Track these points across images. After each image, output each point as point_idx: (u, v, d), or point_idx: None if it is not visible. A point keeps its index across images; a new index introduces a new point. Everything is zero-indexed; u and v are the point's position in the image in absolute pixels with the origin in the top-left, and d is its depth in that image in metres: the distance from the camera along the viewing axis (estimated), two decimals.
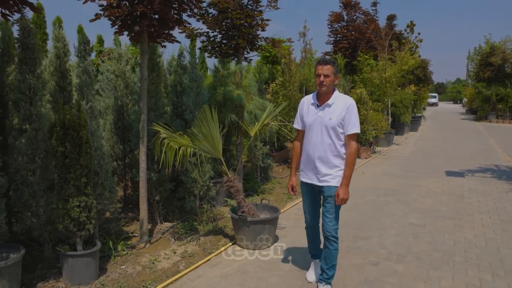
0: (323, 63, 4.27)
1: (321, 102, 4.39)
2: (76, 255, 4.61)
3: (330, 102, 4.33)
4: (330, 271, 4.48)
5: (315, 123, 4.38)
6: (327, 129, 4.30)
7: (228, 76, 7.72)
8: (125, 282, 4.77)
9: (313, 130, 4.40)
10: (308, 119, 4.47)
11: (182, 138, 5.66)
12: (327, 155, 4.31)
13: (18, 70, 4.86)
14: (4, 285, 4.15)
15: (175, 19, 5.67)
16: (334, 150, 4.32)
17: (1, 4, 3.97)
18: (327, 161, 4.33)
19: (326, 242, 4.43)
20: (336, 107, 4.30)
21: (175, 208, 7.19)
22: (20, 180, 4.86)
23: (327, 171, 4.34)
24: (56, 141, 4.45)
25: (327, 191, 4.36)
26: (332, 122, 4.27)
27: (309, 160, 4.45)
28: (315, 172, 4.42)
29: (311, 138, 4.42)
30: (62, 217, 4.55)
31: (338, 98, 4.36)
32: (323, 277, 4.51)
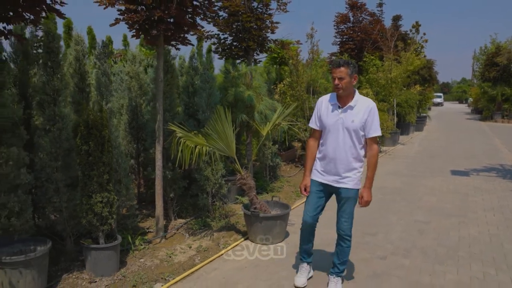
0: (336, 65, 4.23)
1: (343, 104, 4.32)
2: (99, 248, 4.86)
3: (352, 104, 4.28)
4: (342, 265, 4.63)
5: (337, 124, 4.33)
6: (349, 131, 4.28)
7: (239, 77, 7.95)
8: (144, 274, 5.02)
9: (334, 131, 4.36)
10: (329, 120, 4.39)
11: (197, 137, 5.89)
12: (348, 157, 4.32)
13: (43, 72, 5.11)
14: (34, 275, 4.40)
15: (189, 23, 5.90)
16: (354, 152, 4.33)
17: (30, 11, 4.21)
18: (347, 163, 4.34)
19: (339, 240, 4.57)
20: (359, 109, 4.27)
21: (188, 205, 7.42)
22: (45, 177, 5.12)
23: (346, 174, 4.36)
24: (80, 140, 4.70)
25: (344, 193, 4.41)
26: (355, 125, 4.25)
27: (329, 161, 4.42)
28: (333, 173, 4.42)
29: (332, 139, 4.38)
30: (86, 212, 4.79)
31: (360, 100, 4.33)
32: (335, 271, 4.65)
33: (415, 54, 19.18)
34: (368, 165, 4.38)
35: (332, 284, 4.62)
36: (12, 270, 4.28)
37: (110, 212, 4.89)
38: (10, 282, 4.31)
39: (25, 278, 4.35)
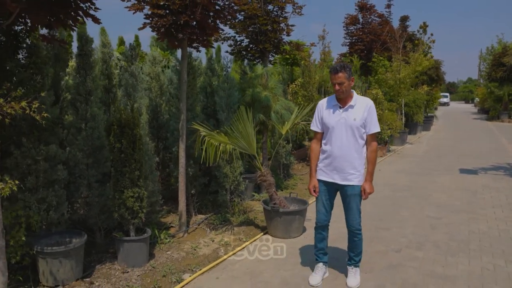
0: (334, 72, 4.43)
1: (344, 104, 4.54)
2: (130, 240, 5.16)
3: (352, 104, 4.52)
4: (357, 256, 4.84)
5: (339, 124, 4.52)
6: (352, 129, 4.47)
7: (255, 78, 8.23)
8: (172, 265, 5.31)
9: (337, 131, 4.54)
10: (331, 121, 4.58)
11: (219, 136, 6.17)
12: (352, 155, 4.51)
13: (76, 74, 5.41)
14: (72, 264, 4.70)
15: (212, 26, 6.18)
16: (358, 149, 4.53)
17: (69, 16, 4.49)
18: (352, 160, 4.52)
19: (351, 236, 4.77)
20: (359, 107, 4.50)
21: (208, 202, 7.71)
22: (78, 173, 5.42)
23: (351, 171, 4.54)
24: (113, 138, 4.99)
25: (350, 190, 4.59)
26: (357, 123, 4.45)
27: (333, 160, 4.59)
28: (338, 171, 4.59)
29: (336, 138, 4.55)
30: (118, 206, 5.09)
31: (359, 99, 4.57)
32: (352, 262, 4.86)
33: (423, 54, 19.40)
34: (369, 160, 4.60)
35: (351, 274, 4.84)
36: (53, 260, 4.59)
37: (140, 206, 5.18)
38: (51, 271, 4.62)
39: (65, 267, 4.65)
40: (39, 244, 4.65)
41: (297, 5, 8.47)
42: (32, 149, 4.70)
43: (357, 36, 18.96)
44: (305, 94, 11.87)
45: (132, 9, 5.63)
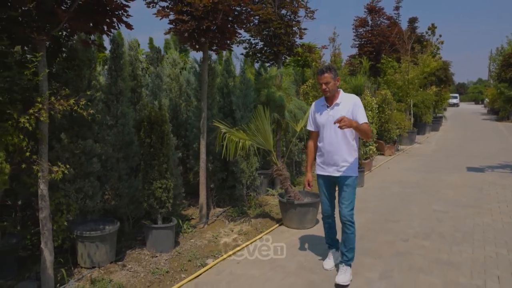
0: (320, 73, 4.80)
1: (330, 103, 4.88)
2: (159, 227, 5.62)
3: (338, 101, 4.82)
4: (349, 253, 4.92)
5: (328, 122, 4.83)
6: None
7: (270, 79, 8.66)
8: (196, 251, 5.76)
9: (327, 128, 4.88)
10: (321, 119, 4.95)
11: (238, 133, 6.61)
12: (342, 149, 4.83)
13: (109, 75, 5.87)
14: (107, 249, 5.17)
15: (232, 31, 6.63)
16: (347, 143, 4.84)
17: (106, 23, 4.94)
18: (342, 154, 4.83)
19: (343, 227, 4.89)
20: (344, 105, 4.78)
21: (225, 196, 8.14)
22: (110, 166, 5.88)
23: (343, 163, 4.83)
24: (144, 134, 5.45)
25: (343, 180, 4.85)
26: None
27: (327, 155, 4.92)
28: (332, 164, 4.89)
29: (326, 135, 4.90)
30: (147, 197, 5.55)
31: (344, 97, 4.86)
32: (343, 259, 4.95)
33: (432, 56, 19.74)
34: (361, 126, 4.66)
35: (341, 272, 4.92)
36: (91, 244, 5.05)
37: (167, 196, 5.64)
38: (89, 253, 5.08)
39: (101, 251, 5.12)
40: (78, 230, 5.12)
41: (309, 9, 8.90)
42: (71, 144, 5.16)
43: (366, 38, 19.33)
44: (316, 95, 12.27)
45: (158, 15, 6.09)
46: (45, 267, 4.49)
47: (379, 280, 4.95)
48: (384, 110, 14.43)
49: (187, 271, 5.22)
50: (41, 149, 4.35)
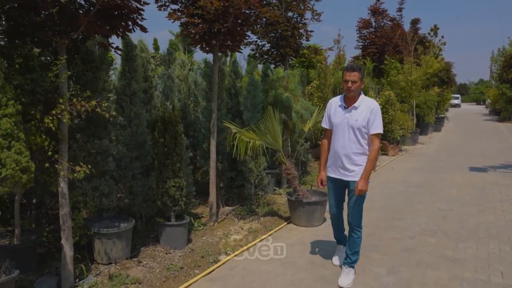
0: (351, 69, 4.64)
1: (348, 105, 4.76)
2: (173, 225, 5.78)
3: (356, 105, 4.70)
4: (354, 256, 4.95)
5: (342, 123, 4.75)
6: (353, 129, 4.68)
7: (277, 80, 8.82)
8: (209, 248, 5.93)
9: (340, 129, 4.78)
10: (336, 119, 4.84)
11: (248, 133, 6.77)
12: (353, 153, 4.72)
13: (122, 76, 6.03)
14: (123, 245, 5.33)
15: (242, 33, 6.79)
16: (359, 148, 4.72)
17: (122, 26, 5.10)
18: (353, 158, 4.72)
19: (350, 231, 4.93)
20: (362, 109, 4.68)
21: (234, 195, 8.31)
22: (124, 165, 6.05)
23: (353, 168, 4.73)
24: (158, 134, 5.62)
25: (352, 186, 4.75)
26: (358, 123, 4.65)
27: (337, 157, 4.83)
28: (342, 168, 4.81)
29: (339, 137, 4.79)
30: (161, 195, 5.71)
31: (364, 101, 4.73)
32: (347, 261, 4.98)
33: (434, 57, 19.89)
34: (368, 158, 4.72)
35: (344, 274, 4.96)
36: (108, 240, 5.22)
37: (180, 195, 5.80)
38: (105, 250, 5.25)
39: (117, 247, 5.28)
40: (95, 227, 5.28)
41: (316, 12, 9.05)
42: (87, 143, 5.33)
43: (370, 40, 19.50)
44: (321, 96, 12.45)
45: (171, 18, 6.26)
46: (66, 262, 4.66)
47: (387, 275, 5.11)
48: (387, 111, 14.59)
49: (200, 267, 5.38)
50: (61, 149, 4.52)
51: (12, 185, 3.59)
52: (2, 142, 3.49)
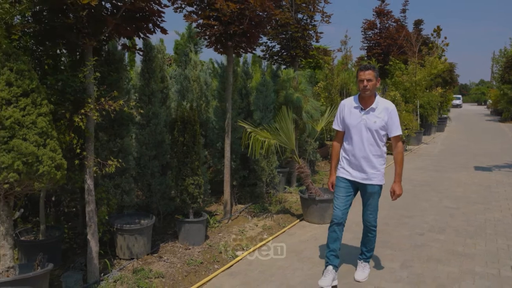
0: (364, 69, 4.58)
1: (365, 106, 4.66)
2: (192, 222, 5.95)
3: (374, 106, 4.62)
4: (369, 252, 5.07)
5: (360, 125, 4.64)
6: (371, 131, 4.60)
7: (287, 81, 9.00)
8: (226, 244, 6.10)
9: (357, 132, 4.68)
10: (352, 121, 4.71)
11: (263, 132, 6.94)
12: (372, 155, 4.65)
13: (141, 77, 6.21)
14: (144, 241, 5.50)
15: (256, 35, 6.96)
16: (378, 150, 4.67)
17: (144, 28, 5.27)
18: (371, 160, 4.66)
19: (366, 231, 4.99)
20: (380, 111, 4.61)
21: (246, 193, 8.48)
22: (143, 164, 6.23)
23: (371, 170, 4.68)
24: (177, 133, 5.80)
25: (370, 189, 4.75)
26: (377, 125, 4.58)
27: (354, 160, 4.74)
28: (360, 170, 4.73)
29: (357, 139, 4.69)
30: (180, 192, 5.88)
31: (380, 102, 4.66)
32: (363, 257, 5.09)
33: (438, 57, 20.07)
34: (396, 162, 4.77)
35: (360, 268, 5.08)
36: (130, 236, 5.39)
37: (199, 192, 5.97)
38: (128, 245, 5.42)
39: (139, 243, 5.45)
40: (116, 223, 5.45)
41: (326, 14, 9.22)
42: (110, 142, 5.50)
43: (375, 41, 19.66)
44: (327, 96, 12.63)
45: (188, 20, 6.44)
46: (91, 257, 4.83)
47: (400, 269, 5.28)
48: None
49: (219, 262, 5.56)
50: (88, 147, 4.70)
51: (47, 181, 3.75)
52: (39, 140, 3.65)
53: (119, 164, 4.77)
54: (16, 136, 3.54)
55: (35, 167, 3.58)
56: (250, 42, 6.99)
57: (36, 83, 3.82)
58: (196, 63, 8.93)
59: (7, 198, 3.74)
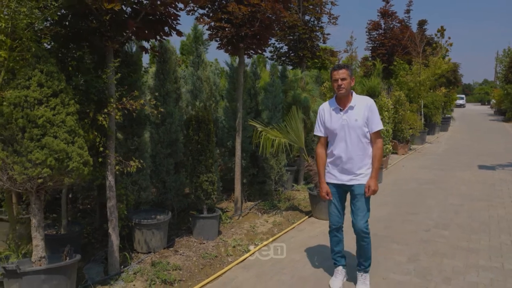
0: (338, 68, 4.46)
1: (343, 106, 4.54)
2: (206, 217, 6.19)
3: (352, 104, 4.50)
4: (366, 261, 4.78)
5: (342, 126, 4.51)
6: (354, 130, 4.48)
7: (295, 81, 9.22)
8: (238, 239, 6.33)
9: (340, 133, 4.54)
10: (333, 124, 4.57)
11: (273, 131, 7.16)
12: (358, 155, 4.51)
13: (156, 77, 6.44)
14: (161, 235, 5.74)
15: (266, 37, 7.19)
16: (362, 149, 4.53)
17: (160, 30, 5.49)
18: (358, 160, 4.52)
19: (359, 240, 4.70)
20: (359, 108, 4.49)
21: (255, 190, 8.71)
22: (158, 161, 6.46)
23: (357, 171, 4.54)
24: (192, 132, 6.03)
25: (357, 189, 4.55)
26: (358, 123, 4.47)
27: (339, 162, 4.59)
28: (345, 172, 4.59)
29: (340, 141, 4.55)
30: (195, 189, 6.12)
31: (358, 99, 4.56)
32: (361, 268, 4.83)
33: (442, 57, 20.27)
34: (374, 157, 4.57)
35: (360, 281, 4.84)
36: (147, 231, 5.62)
37: (212, 189, 6.21)
38: (145, 240, 5.66)
39: (156, 237, 5.68)
40: (134, 218, 5.68)
41: (333, 16, 9.45)
42: (127, 140, 5.74)
43: (380, 41, 19.87)
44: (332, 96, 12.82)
45: (202, 23, 6.67)
46: (112, 250, 5.06)
47: (407, 263, 5.50)
48: (397, 111, 14.97)
49: (233, 256, 5.79)
50: (109, 145, 4.93)
51: (76, 177, 3.98)
52: (68, 137, 3.88)
53: (140, 165, 4.99)
54: (48, 134, 3.77)
55: (66, 163, 3.81)
56: (261, 44, 7.21)
57: (64, 84, 4.05)
58: (206, 64, 9.15)
59: (38, 193, 3.97)
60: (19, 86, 3.81)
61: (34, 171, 3.64)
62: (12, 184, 3.76)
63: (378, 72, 16.08)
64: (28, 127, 3.70)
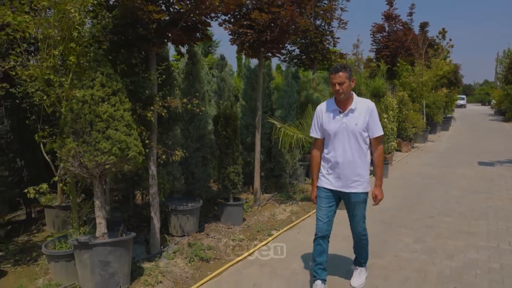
0: (335, 71, 4.20)
1: (343, 108, 4.31)
2: (232, 205, 6.88)
3: (353, 107, 4.29)
4: (364, 258, 4.88)
5: (341, 129, 4.30)
6: (354, 134, 4.28)
7: (307, 82, 9.90)
8: (261, 225, 7.01)
9: (339, 136, 4.32)
10: (331, 126, 4.34)
11: (291, 128, 7.83)
12: (356, 161, 4.32)
13: (186, 78, 7.10)
14: (194, 221, 6.42)
15: (284, 41, 7.86)
16: (361, 155, 4.34)
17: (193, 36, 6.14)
18: (356, 167, 4.33)
19: (359, 241, 4.73)
20: (360, 111, 4.29)
21: (271, 183, 9.38)
22: (188, 155, 7.12)
23: (355, 178, 4.34)
24: (220, 127, 6.71)
25: (354, 198, 4.39)
26: (358, 127, 4.27)
27: (337, 167, 4.38)
28: (342, 178, 4.38)
29: (338, 145, 4.33)
30: (222, 179, 6.80)
31: (359, 102, 4.34)
32: (358, 262, 4.93)
33: (443, 59, 20.96)
34: (376, 165, 4.48)
35: (356, 274, 4.91)
36: (182, 216, 6.30)
37: (238, 179, 6.89)
38: (180, 224, 6.33)
39: (190, 222, 6.36)
40: (170, 205, 6.35)
41: (343, 21, 10.13)
42: (164, 135, 6.41)
43: (384, 43, 20.55)
44: None
45: (227, 29, 7.34)
46: (154, 232, 5.74)
47: (414, 243, 6.19)
48: (401, 110, 15.64)
49: (258, 239, 6.46)
50: (152, 138, 5.60)
51: (133, 164, 4.64)
52: (126, 130, 4.53)
53: (183, 154, 5.67)
54: (110, 127, 4.43)
55: (126, 152, 4.47)
56: (279, 48, 7.88)
57: (120, 84, 4.72)
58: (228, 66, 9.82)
59: (101, 178, 4.64)
60: (85, 86, 4.47)
61: (102, 158, 4.31)
62: (81, 170, 4.42)
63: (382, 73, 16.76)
64: (95, 121, 4.37)
